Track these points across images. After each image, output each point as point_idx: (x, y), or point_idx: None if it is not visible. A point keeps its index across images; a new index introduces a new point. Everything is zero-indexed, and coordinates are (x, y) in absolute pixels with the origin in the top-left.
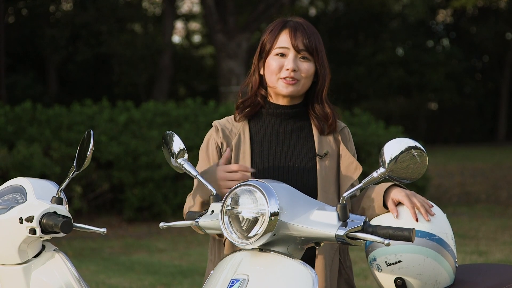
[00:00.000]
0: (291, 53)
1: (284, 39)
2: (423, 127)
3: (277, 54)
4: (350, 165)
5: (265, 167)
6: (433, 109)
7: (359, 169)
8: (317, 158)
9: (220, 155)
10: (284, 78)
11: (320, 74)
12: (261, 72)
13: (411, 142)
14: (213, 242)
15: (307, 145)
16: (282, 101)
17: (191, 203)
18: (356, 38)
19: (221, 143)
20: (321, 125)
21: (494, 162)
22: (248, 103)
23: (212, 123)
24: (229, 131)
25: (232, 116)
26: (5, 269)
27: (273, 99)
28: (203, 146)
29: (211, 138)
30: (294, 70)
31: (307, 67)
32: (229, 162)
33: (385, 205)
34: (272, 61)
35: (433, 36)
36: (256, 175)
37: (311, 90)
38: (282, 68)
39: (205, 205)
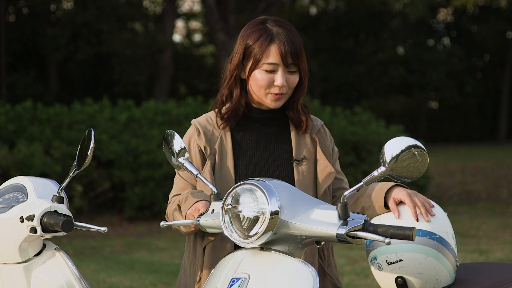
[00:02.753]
0: (280, 69)
1: (274, 55)
2: (423, 126)
3: (267, 71)
4: (325, 169)
5: (248, 173)
6: (433, 108)
7: (333, 174)
8: (294, 163)
9: (203, 159)
10: (274, 93)
11: (303, 82)
12: (242, 76)
13: (411, 141)
14: (188, 237)
15: (285, 150)
16: (264, 107)
17: (175, 206)
18: (356, 37)
19: (204, 147)
20: (297, 126)
21: (495, 161)
22: (232, 112)
23: (191, 122)
24: (211, 134)
25: (211, 115)
26: (6, 268)
27: (256, 105)
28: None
29: (193, 140)
30: (282, 86)
31: (293, 79)
32: (212, 168)
33: (386, 205)
34: (260, 76)
35: (434, 35)
36: (239, 181)
37: (290, 98)
38: (272, 84)
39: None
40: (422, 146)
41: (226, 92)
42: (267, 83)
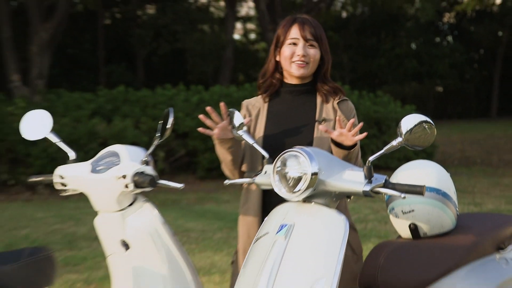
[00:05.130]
0: (300, 42)
1: (294, 32)
2: (431, 106)
3: (289, 44)
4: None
5: (275, 132)
6: (439, 91)
7: None
8: (316, 124)
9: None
10: (296, 62)
11: (324, 58)
12: (277, 59)
13: (422, 117)
14: (244, 190)
15: (310, 113)
16: (295, 81)
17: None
18: (378, 36)
19: (244, 116)
20: (324, 98)
21: (487, 133)
22: (266, 84)
23: (242, 103)
24: (252, 105)
25: (258, 96)
26: (107, 215)
27: (288, 80)
28: None
29: (242, 114)
30: (303, 55)
31: (314, 52)
32: (248, 127)
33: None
34: (286, 49)
35: (440, 34)
36: (267, 137)
37: (318, 71)
38: (294, 54)
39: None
40: (431, 121)
41: (264, 70)
42: (291, 53)
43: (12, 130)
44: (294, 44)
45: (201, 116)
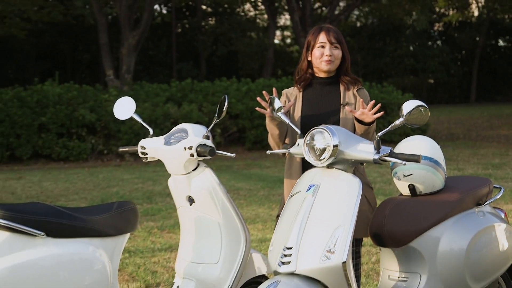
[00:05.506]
0: (327, 45)
1: (322, 37)
2: (425, 94)
3: (319, 47)
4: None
5: (310, 113)
6: (431, 83)
7: None
8: (341, 107)
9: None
10: (325, 60)
11: (345, 56)
12: (309, 59)
13: (419, 102)
14: (287, 159)
15: (336, 98)
16: (323, 75)
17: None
18: (384, 40)
19: (285, 102)
20: (346, 87)
21: (468, 115)
22: (302, 79)
23: (282, 92)
24: (290, 94)
25: (294, 86)
26: (176, 177)
27: (318, 74)
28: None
29: (282, 100)
30: (330, 55)
31: (337, 52)
32: (288, 110)
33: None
34: (316, 51)
35: (431, 39)
36: (304, 117)
37: (340, 67)
38: (323, 55)
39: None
40: (425, 105)
41: (299, 68)
42: (320, 54)
43: (106, 112)
44: (323, 47)
45: (257, 107)
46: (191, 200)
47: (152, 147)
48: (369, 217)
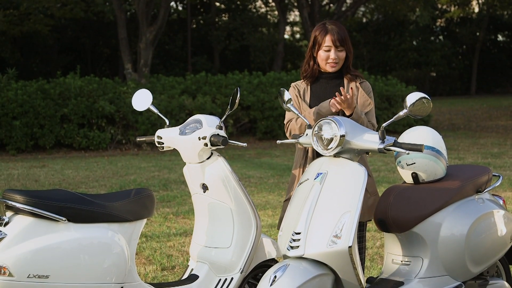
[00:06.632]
0: (333, 49)
1: (328, 41)
2: (427, 87)
3: (325, 50)
4: (365, 102)
5: (317, 103)
6: (433, 76)
7: (371, 105)
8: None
9: (298, 101)
10: (330, 63)
11: (349, 55)
12: (315, 55)
13: (422, 94)
14: (297, 149)
15: (340, 90)
16: (328, 71)
17: (297, 125)
18: (389, 35)
19: (296, 95)
20: (349, 80)
21: (468, 106)
22: (308, 74)
23: (291, 84)
24: (299, 86)
25: (301, 80)
26: (191, 166)
27: (323, 70)
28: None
29: (291, 92)
30: (335, 59)
31: (341, 55)
32: (307, 103)
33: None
34: (322, 54)
35: (434, 34)
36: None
37: (344, 63)
38: (328, 58)
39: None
40: (428, 97)
41: (306, 64)
42: (326, 57)
43: (125, 104)
44: (328, 50)
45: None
46: (204, 188)
47: (168, 137)
48: (368, 203)
